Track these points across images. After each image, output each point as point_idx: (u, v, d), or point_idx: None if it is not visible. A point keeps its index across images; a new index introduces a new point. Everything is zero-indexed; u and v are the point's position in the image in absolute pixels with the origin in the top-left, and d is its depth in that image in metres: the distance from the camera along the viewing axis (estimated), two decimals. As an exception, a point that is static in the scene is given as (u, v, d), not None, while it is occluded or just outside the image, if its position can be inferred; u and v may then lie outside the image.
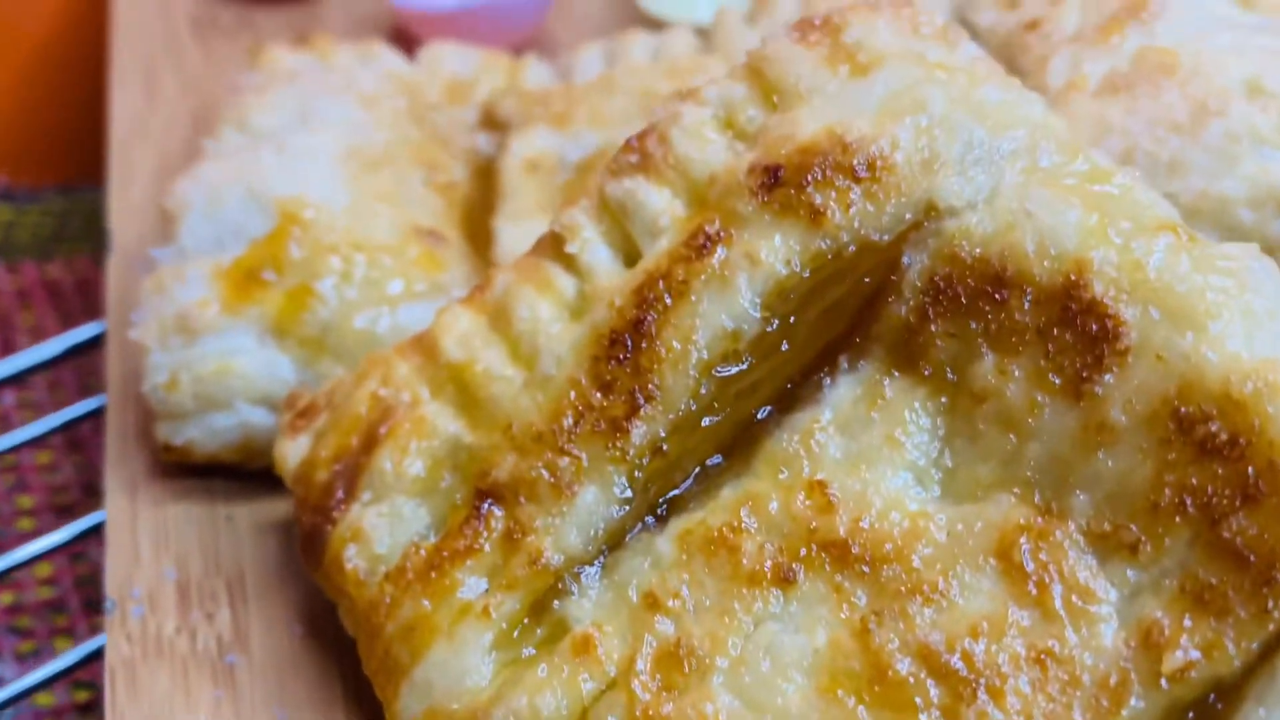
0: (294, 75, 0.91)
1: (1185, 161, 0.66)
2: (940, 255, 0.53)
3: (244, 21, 1.21)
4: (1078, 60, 0.72)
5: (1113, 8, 0.75)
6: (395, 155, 0.84)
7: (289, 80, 0.90)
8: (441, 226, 0.80)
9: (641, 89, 0.92)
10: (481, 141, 0.90)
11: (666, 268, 0.56)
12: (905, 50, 0.59)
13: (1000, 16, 0.80)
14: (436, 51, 0.98)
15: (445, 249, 0.77)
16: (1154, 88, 0.68)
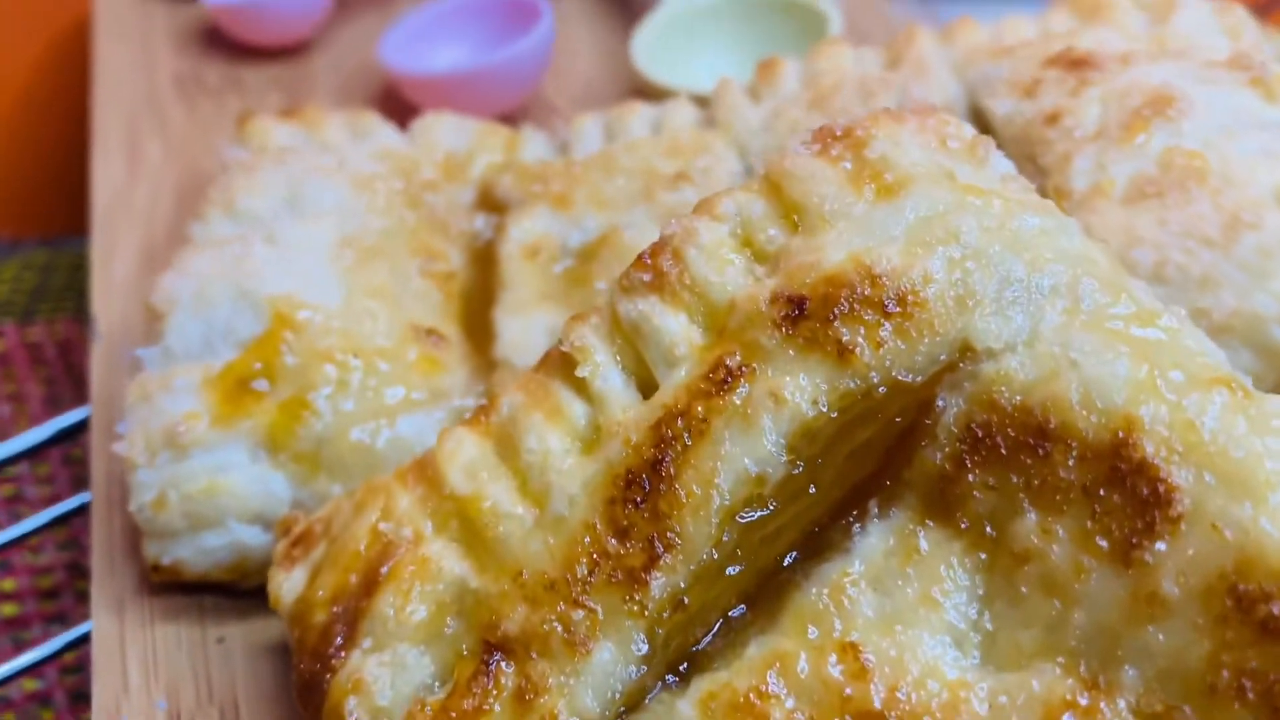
0: (282, 154, 0.87)
1: (1217, 276, 0.63)
2: (978, 401, 0.50)
3: (230, 79, 1.18)
4: (1102, 161, 0.69)
5: (1136, 103, 0.72)
6: (391, 243, 0.81)
7: (277, 160, 0.87)
8: (440, 323, 0.76)
9: (643, 168, 0.89)
10: (479, 224, 0.87)
11: (685, 404, 0.53)
12: (933, 168, 0.56)
13: (1018, 106, 0.77)
14: (431, 123, 0.95)
15: (445, 349, 0.74)
16: (1184, 196, 0.65)
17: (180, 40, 1.23)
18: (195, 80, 1.17)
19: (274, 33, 1.19)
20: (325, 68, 1.20)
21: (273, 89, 1.17)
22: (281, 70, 1.19)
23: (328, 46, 1.23)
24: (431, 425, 0.69)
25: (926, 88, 0.85)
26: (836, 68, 0.92)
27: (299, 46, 1.21)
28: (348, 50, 1.22)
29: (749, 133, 0.91)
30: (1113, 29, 0.85)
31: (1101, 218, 0.66)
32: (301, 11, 1.18)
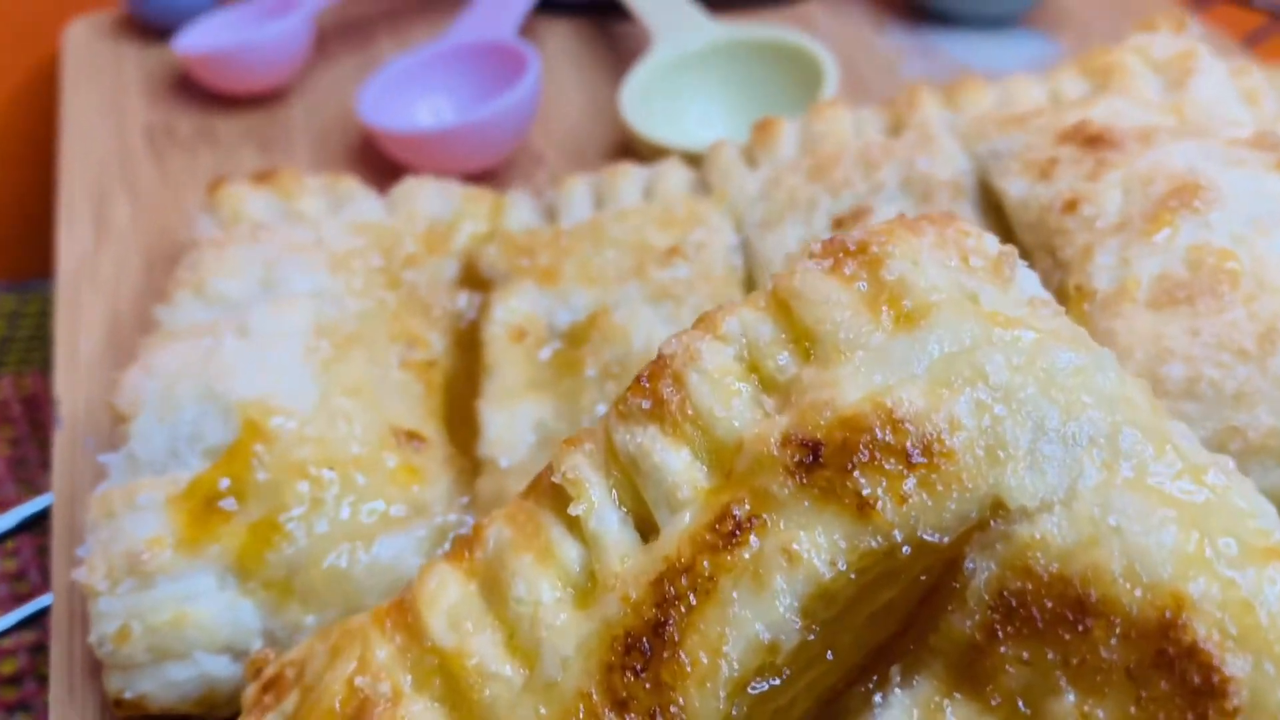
0: (255, 231, 0.82)
1: (1252, 393, 0.59)
2: (1011, 566, 0.46)
3: (203, 130, 1.13)
4: (1126, 256, 0.65)
5: (1160, 191, 0.68)
6: (369, 329, 0.77)
7: (250, 238, 0.82)
8: (421, 421, 0.72)
9: (634, 240, 0.85)
10: (463, 302, 0.83)
11: (690, 558, 0.49)
12: (955, 291, 0.52)
13: (1032, 189, 0.73)
14: (412, 189, 0.90)
15: (426, 455, 0.69)
16: (1216, 302, 0.61)
17: (151, 87, 1.17)
18: (166, 131, 1.12)
19: (249, 81, 1.14)
20: (302, 116, 1.15)
21: (247, 141, 1.12)
22: (257, 119, 1.14)
23: (305, 93, 1.18)
24: (412, 546, 0.64)
25: (932, 159, 0.80)
26: (836, 132, 0.88)
27: (275, 94, 1.16)
28: (326, 97, 1.17)
29: (745, 201, 0.86)
30: (1127, 96, 0.81)
31: (1128, 323, 0.62)
32: (278, 59, 1.14)
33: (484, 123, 1.02)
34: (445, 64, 1.10)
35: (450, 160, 1.04)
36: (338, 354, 0.73)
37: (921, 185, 0.80)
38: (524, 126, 1.06)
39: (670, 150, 1.04)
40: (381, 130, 1.02)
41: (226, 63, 1.12)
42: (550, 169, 1.11)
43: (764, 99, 1.13)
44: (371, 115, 1.03)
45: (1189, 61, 0.83)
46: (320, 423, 0.68)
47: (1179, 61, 0.84)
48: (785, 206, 0.83)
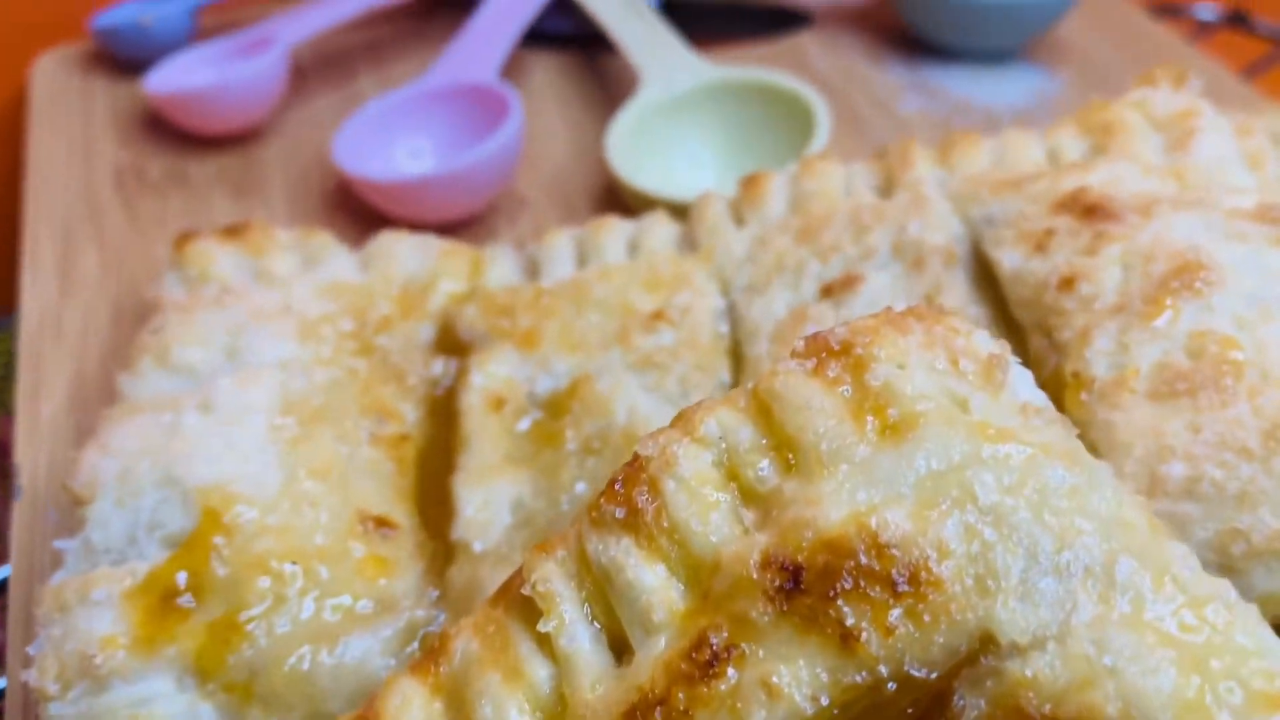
0: (222, 296, 0.80)
1: (1256, 493, 0.56)
2: (1002, 704, 0.44)
3: (174, 174, 1.10)
4: (1125, 341, 0.63)
5: (1160, 269, 0.65)
6: (339, 402, 0.74)
7: (217, 303, 0.79)
8: (391, 504, 0.69)
9: (618, 302, 0.82)
10: (438, 369, 0.80)
11: (664, 688, 0.46)
12: (944, 398, 0.49)
13: (1027, 263, 0.70)
14: (388, 246, 0.88)
15: (395, 542, 0.67)
16: (1219, 396, 0.58)
17: (122, 125, 1.15)
18: (136, 173, 1.09)
19: (222, 121, 1.11)
20: (279, 157, 1.13)
21: (220, 184, 1.09)
22: (231, 161, 1.11)
23: (282, 132, 1.15)
24: (379, 646, 0.62)
25: (924, 223, 0.78)
26: (826, 190, 0.85)
27: (250, 133, 1.14)
28: (303, 136, 1.15)
29: (732, 263, 0.84)
30: (1127, 158, 0.78)
31: (1126, 415, 0.60)
32: (252, 98, 1.11)
33: (464, 171, 0.99)
34: (425, 105, 1.08)
35: (430, 208, 1.01)
36: (304, 432, 0.70)
37: (913, 251, 0.77)
38: (506, 173, 1.03)
39: (657, 200, 1.01)
40: (358, 178, 1.00)
41: (199, 103, 1.09)
42: (535, 213, 1.09)
43: (756, 142, 1.11)
44: (348, 162, 1.00)
45: (1191, 121, 0.80)
46: (283, 510, 0.65)
47: (1180, 120, 0.81)
48: (773, 270, 0.81)
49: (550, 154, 1.16)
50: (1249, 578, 0.57)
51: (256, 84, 1.10)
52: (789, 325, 0.77)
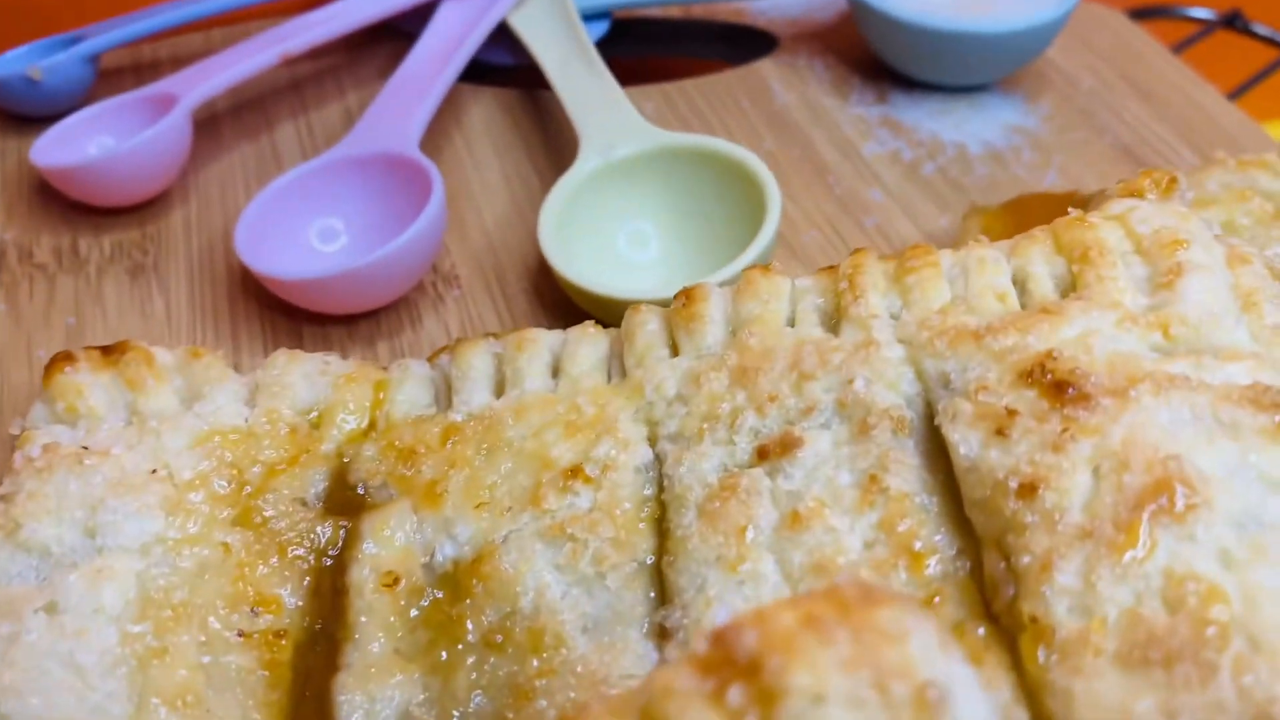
0: (83, 456, 0.70)
1: (1240, 799, 0.48)
2: None
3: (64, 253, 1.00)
4: (1091, 580, 0.54)
5: (1135, 484, 0.56)
6: (204, 594, 0.65)
7: (76, 463, 0.70)
8: (260, 729, 0.61)
9: (533, 450, 0.73)
10: (324, 537, 0.71)
11: None
12: (865, 747, 0.41)
13: (984, 453, 0.61)
14: (280, 372, 0.78)
15: (260, 787, 0.59)
16: (1199, 671, 0.50)
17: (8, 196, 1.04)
18: (22, 253, 0.99)
19: (119, 195, 1.01)
20: (181, 228, 1.03)
21: (114, 264, 0.99)
22: (128, 236, 1.01)
23: (187, 197, 1.05)
24: None
25: (870, 379, 0.69)
26: (766, 318, 0.76)
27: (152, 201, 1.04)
28: (211, 201, 1.05)
29: (662, 402, 0.74)
30: (1104, 301, 0.69)
31: (1089, 686, 0.51)
32: (152, 168, 1.01)
33: (377, 265, 0.89)
34: (337, 178, 0.98)
35: (343, 302, 0.92)
36: (161, 642, 0.62)
37: (860, 411, 0.68)
38: (425, 262, 0.93)
39: (591, 296, 0.92)
40: (262, 275, 0.90)
41: (92, 176, 0.99)
42: (463, 295, 0.99)
43: (704, 212, 1.01)
44: (251, 256, 0.91)
45: (1179, 253, 0.71)
46: (128, 756, 0.57)
47: (1168, 250, 0.71)
48: (705, 419, 0.72)
49: (485, 216, 1.06)
50: None
51: (157, 150, 1.00)
52: (719, 494, 0.68)
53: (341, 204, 0.97)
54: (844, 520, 0.64)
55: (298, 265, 0.92)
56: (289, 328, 0.94)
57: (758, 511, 0.66)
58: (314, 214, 0.96)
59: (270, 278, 0.90)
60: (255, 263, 0.90)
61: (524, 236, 1.03)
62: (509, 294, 0.99)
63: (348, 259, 0.92)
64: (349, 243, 0.96)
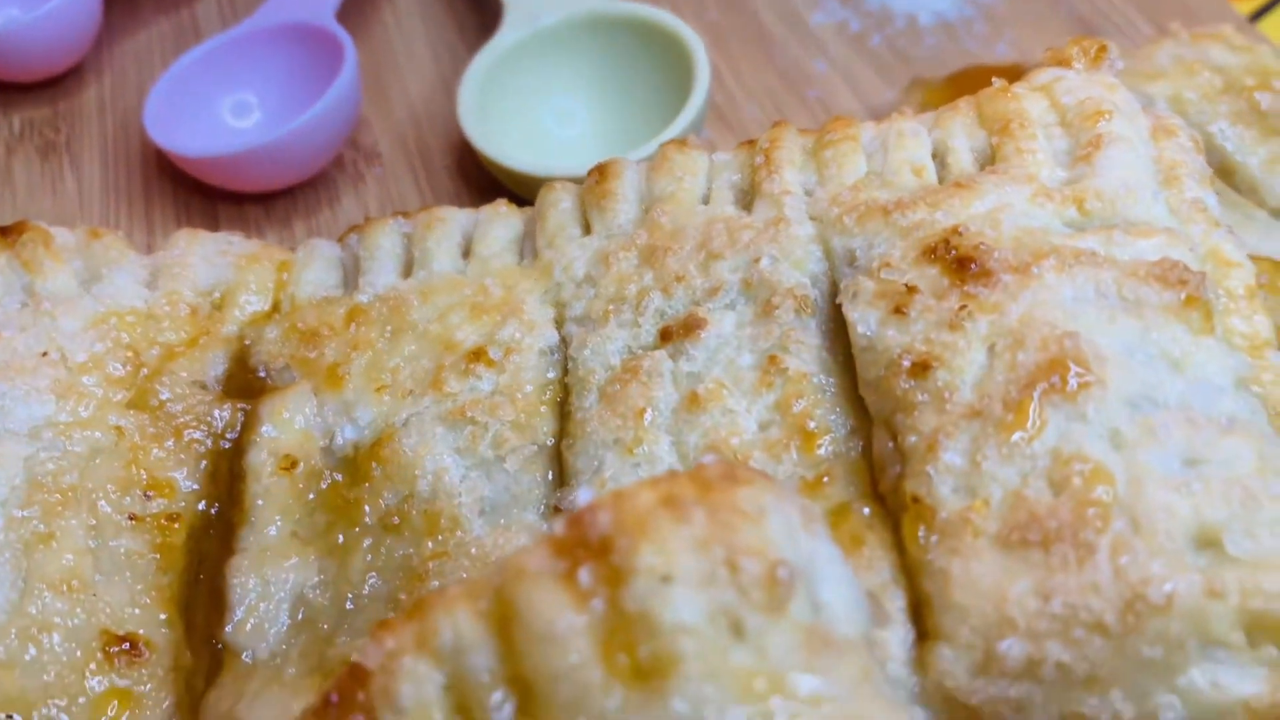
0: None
1: (1107, 675, 0.48)
2: None
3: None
4: (977, 460, 0.53)
5: (1029, 362, 0.55)
6: (95, 478, 0.64)
7: (-30, 347, 0.68)
8: (146, 609, 0.60)
9: (437, 333, 0.71)
10: (222, 419, 0.70)
11: None
12: (711, 630, 0.40)
13: (882, 331, 0.60)
14: (183, 254, 0.76)
15: (144, 667, 0.58)
16: (1077, 553, 0.49)
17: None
18: (-72, 131, 0.96)
19: (28, 69, 0.97)
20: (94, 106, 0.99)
21: (26, 143, 0.96)
22: (39, 113, 0.98)
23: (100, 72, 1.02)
24: (108, 816, 0.54)
25: (777, 259, 0.67)
26: (679, 195, 0.74)
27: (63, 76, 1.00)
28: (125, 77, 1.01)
29: (570, 283, 0.72)
30: (1020, 175, 0.67)
31: (966, 567, 0.50)
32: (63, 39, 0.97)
33: (288, 140, 0.86)
34: (250, 51, 0.94)
35: (258, 179, 0.89)
36: (48, 526, 0.61)
37: (765, 292, 0.66)
38: (340, 135, 0.90)
39: (511, 173, 0.89)
40: (172, 153, 0.87)
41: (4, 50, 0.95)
42: (384, 172, 0.96)
43: (632, 86, 0.98)
44: (161, 133, 0.87)
45: (1100, 124, 0.68)
46: (10, 641, 0.56)
47: (1090, 121, 0.69)
48: (612, 300, 0.70)
49: (410, 90, 1.02)
50: (1096, 762, 0.49)
51: (67, 20, 0.96)
52: (621, 377, 0.66)
53: (255, 78, 0.93)
54: (742, 402, 0.63)
55: (209, 142, 0.89)
56: (204, 208, 0.92)
57: (658, 393, 0.65)
58: (227, 89, 0.93)
59: (180, 156, 0.87)
60: (165, 140, 0.87)
61: (451, 112, 1.00)
62: (433, 172, 0.96)
63: (259, 135, 0.89)
64: (263, 119, 0.92)
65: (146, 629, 0.60)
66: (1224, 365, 0.57)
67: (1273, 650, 0.48)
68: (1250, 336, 0.61)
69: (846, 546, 0.55)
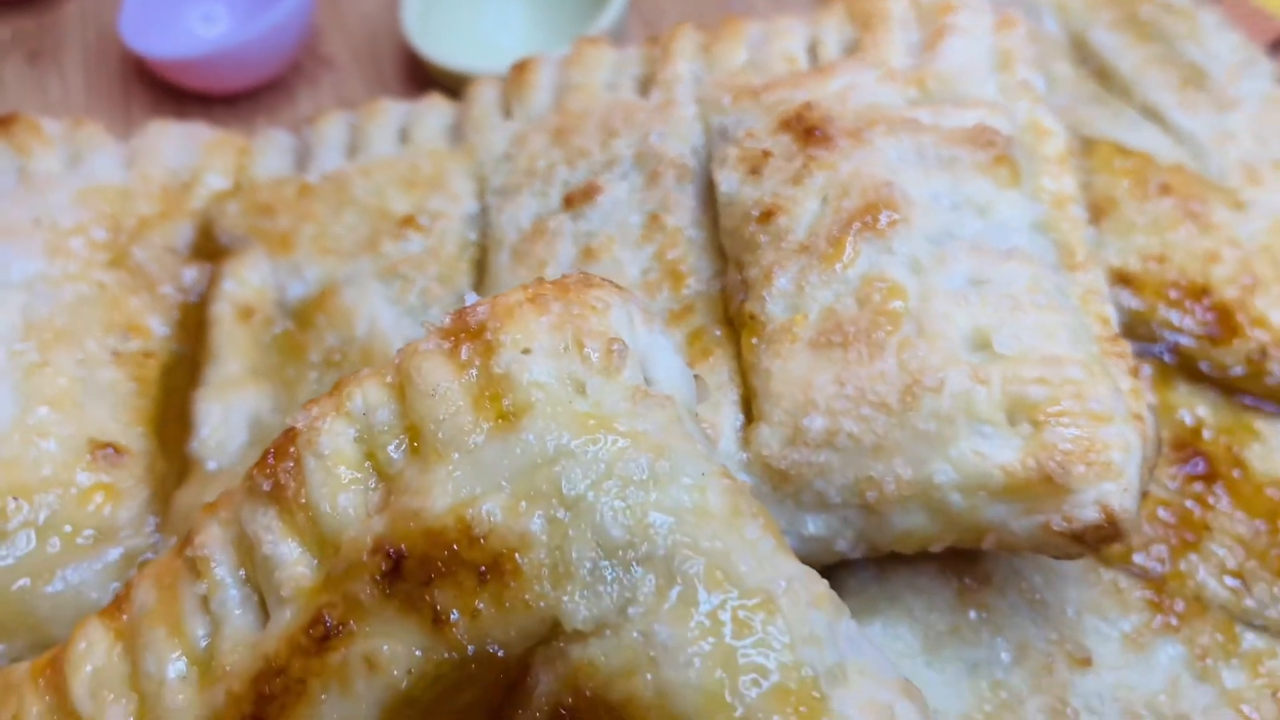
0: (-23, 206, 0.80)
1: (890, 445, 0.60)
2: (565, 683, 0.48)
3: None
4: (802, 284, 0.64)
5: (851, 206, 0.66)
6: (82, 321, 0.76)
7: (-30, 214, 0.79)
8: (125, 426, 0.72)
9: (374, 204, 0.83)
10: (190, 277, 0.81)
11: (285, 660, 0.51)
12: (561, 385, 0.52)
13: (741, 188, 0.71)
14: (155, 138, 0.87)
15: (124, 469, 0.70)
16: (870, 349, 0.61)
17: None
18: (-74, 39, 1.06)
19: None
20: (77, 16, 1.09)
21: (14, 50, 1.06)
22: (26, 23, 1.08)
23: (81, -11, 1.11)
24: (94, 576, 0.66)
25: (665, 133, 0.78)
26: (589, 84, 0.85)
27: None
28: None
29: (491, 161, 0.84)
30: (873, 61, 0.77)
31: (784, 365, 0.62)
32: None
33: (250, 42, 0.97)
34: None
35: (224, 80, 1.00)
36: (43, 357, 0.72)
37: (652, 162, 0.77)
38: (296, 39, 1.01)
39: (451, 73, 1.00)
40: (145, 56, 0.97)
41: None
42: (339, 78, 1.07)
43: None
44: (135, 38, 0.98)
45: (946, 17, 0.79)
46: (15, 442, 0.68)
47: (938, 14, 0.80)
48: (526, 173, 0.81)
49: (362, 4, 1.12)
50: (887, 518, 0.61)
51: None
52: (529, 237, 0.78)
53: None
54: (628, 253, 0.74)
55: (178, 45, 1.00)
56: (176, 110, 1.02)
57: (559, 249, 0.76)
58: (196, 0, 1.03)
59: (153, 58, 0.97)
60: (139, 45, 0.97)
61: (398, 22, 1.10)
62: (382, 77, 1.07)
63: (223, 40, 0.99)
64: (228, 27, 1.03)
65: (126, 440, 0.71)
66: (1023, 213, 0.69)
67: (1027, 427, 0.60)
68: (1056, 193, 0.72)
69: (699, 356, 0.67)
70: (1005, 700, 0.65)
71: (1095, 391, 0.60)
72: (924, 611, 0.66)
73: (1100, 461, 0.58)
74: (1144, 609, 0.70)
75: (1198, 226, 0.84)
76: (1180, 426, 0.77)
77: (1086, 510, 0.58)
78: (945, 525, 0.61)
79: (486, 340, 0.53)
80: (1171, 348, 0.79)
